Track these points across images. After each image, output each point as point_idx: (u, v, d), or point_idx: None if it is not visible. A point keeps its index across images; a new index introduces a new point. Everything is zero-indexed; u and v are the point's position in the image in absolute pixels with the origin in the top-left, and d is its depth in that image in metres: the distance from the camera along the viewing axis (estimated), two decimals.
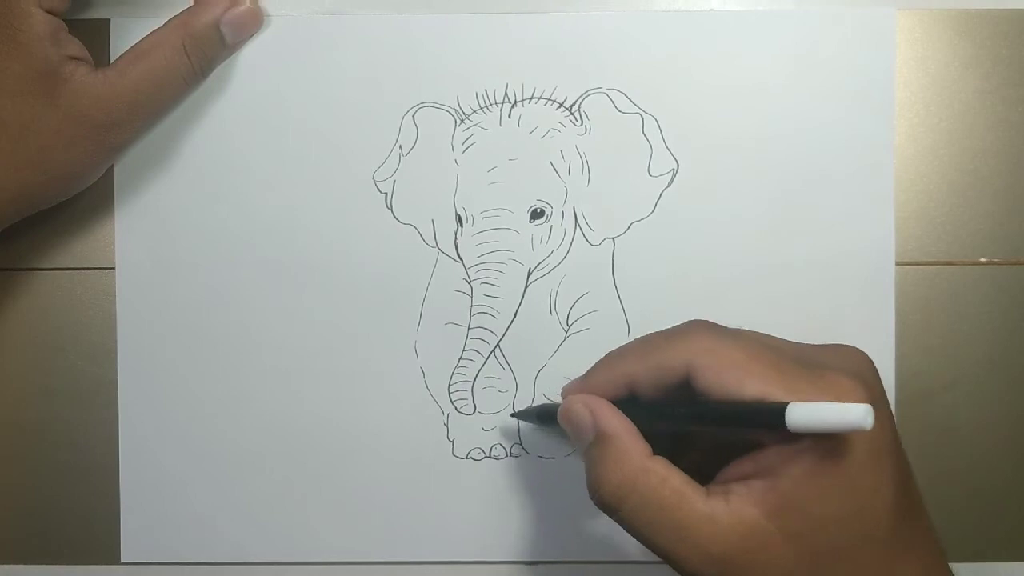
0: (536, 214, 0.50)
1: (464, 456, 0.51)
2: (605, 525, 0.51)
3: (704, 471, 0.41)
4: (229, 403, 0.51)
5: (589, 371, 0.44)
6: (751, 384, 0.39)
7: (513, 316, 0.51)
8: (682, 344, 0.41)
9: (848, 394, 0.38)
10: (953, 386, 0.50)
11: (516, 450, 0.51)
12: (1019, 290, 0.50)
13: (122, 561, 0.51)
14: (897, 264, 0.50)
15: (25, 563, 0.52)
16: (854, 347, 0.43)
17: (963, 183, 0.50)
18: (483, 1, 0.50)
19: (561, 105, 0.50)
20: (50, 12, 0.45)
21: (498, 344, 0.51)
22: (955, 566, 0.45)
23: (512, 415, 0.51)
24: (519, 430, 0.51)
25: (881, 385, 0.41)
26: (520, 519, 0.51)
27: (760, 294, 0.50)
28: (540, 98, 0.50)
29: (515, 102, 0.50)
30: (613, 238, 0.50)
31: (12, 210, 0.48)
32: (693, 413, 0.41)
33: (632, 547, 0.51)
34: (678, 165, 0.50)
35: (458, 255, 0.51)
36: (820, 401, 0.37)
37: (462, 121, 0.50)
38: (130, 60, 0.47)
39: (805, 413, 0.37)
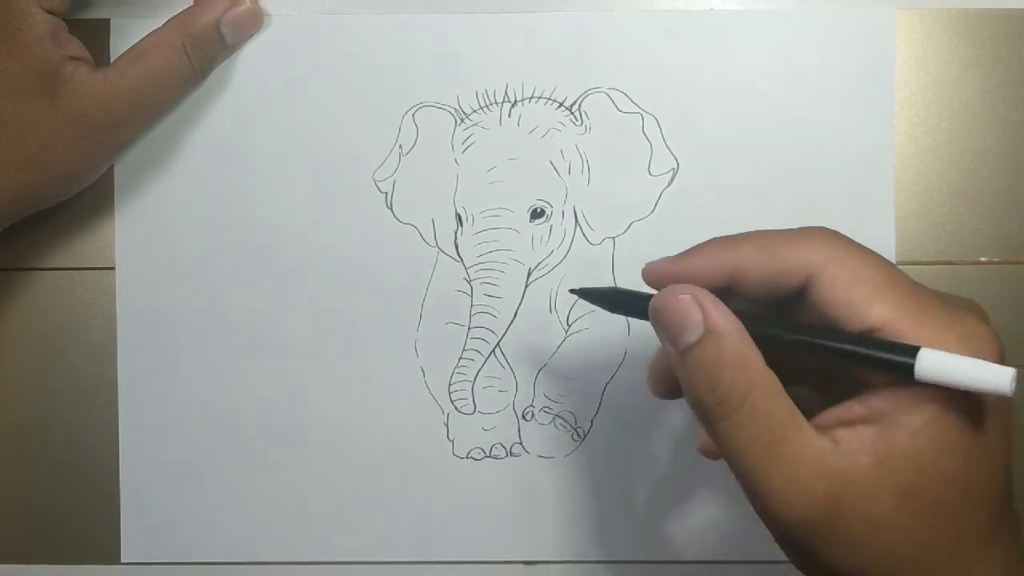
0: (536, 214, 0.50)
1: (464, 456, 0.51)
2: (605, 525, 0.51)
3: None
4: (229, 403, 0.51)
5: (688, 251, 0.38)
6: (880, 307, 0.34)
7: (513, 316, 0.51)
8: (808, 244, 0.36)
9: (985, 346, 0.34)
10: None
11: (516, 450, 0.51)
12: (1019, 290, 0.50)
13: (122, 561, 0.51)
14: (897, 264, 0.50)
15: (25, 563, 0.52)
16: (972, 300, 0.38)
17: (963, 183, 0.50)
18: (483, 1, 0.50)
19: (561, 105, 0.50)
20: (50, 12, 0.45)
21: (498, 344, 0.51)
22: None
23: (571, 291, 0.43)
24: (519, 430, 0.51)
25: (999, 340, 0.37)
26: (520, 519, 0.51)
27: None
28: (540, 98, 0.50)
29: (515, 102, 0.50)
30: (613, 237, 0.50)
31: (12, 210, 0.48)
32: (801, 335, 0.36)
33: (633, 547, 0.51)
34: (678, 165, 0.50)
35: (458, 255, 0.51)
36: (955, 352, 0.33)
37: (462, 121, 0.50)
38: (130, 60, 0.47)
39: (939, 363, 0.33)
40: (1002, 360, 0.35)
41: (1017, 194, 0.50)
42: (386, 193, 0.51)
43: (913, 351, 0.33)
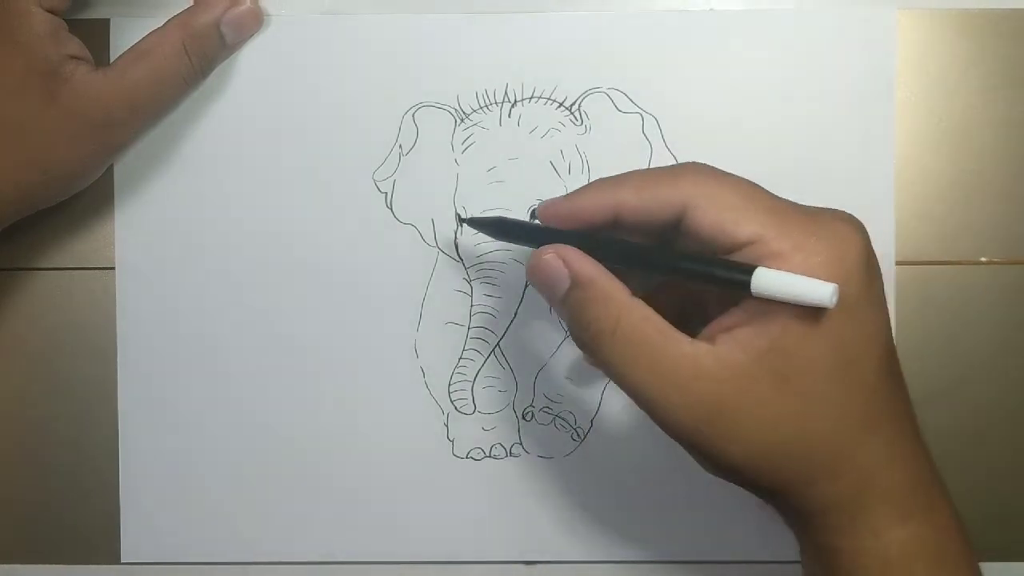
0: (536, 214, 0.50)
1: (464, 456, 0.51)
2: (605, 525, 0.51)
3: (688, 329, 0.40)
4: (229, 403, 0.51)
5: (577, 191, 0.42)
6: (747, 226, 0.38)
7: (513, 316, 0.51)
8: (680, 179, 0.40)
9: (847, 240, 0.38)
10: (953, 386, 0.50)
11: (516, 450, 0.51)
12: (1019, 290, 0.50)
13: (122, 561, 0.51)
14: (897, 264, 0.50)
15: (25, 563, 0.52)
16: (845, 211, 0.41)
17: (963, 183, 0.50)
18: (483, 1, 0.50)
19: (561, 105, 0.50)
20: (50, 11, 0.45)
21: (498, 344, 0.51)
22: None
23: (463, 220, 0.49)
24: (519, 430, 0.51)
25: (871, 246, 0.40)
26: (520, 519, 0.51)
27: None
28: (540, 97, 0.50)
29: (515, 101, 0.50)
30: None
31: (12, 210, 0.48)
32: (670, 259, 0.40)
33: (632, 547, 0.51)
34: None
35: (458, 255, 0.51)
36: (817, 256, 0.37)
37: (462, 121, 0.50)
38: (130, 60, 0.47)
39: (770, 280, 0.36)
40: (871, 257, 0.39)
41: (1017, 194, 0.50)
42: (386, 193, 0.51)
43: (750, 270, 0.37)
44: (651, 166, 0.50)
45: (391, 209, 0.51)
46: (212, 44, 0.48)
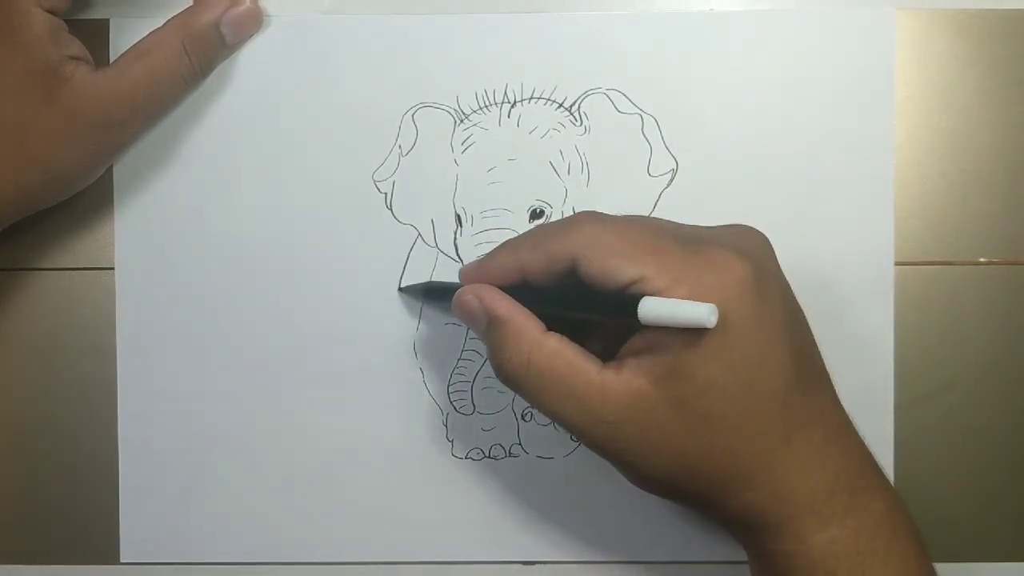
0: (536, 214, 0.50)
1: (463, 456, 0.51)
2: (604, 525, 0.51)
3: (612, 353, 0.43)
4: (228, 403, 0.51)
5: (485, 256, 0.46)
6: (628, 269, 0.40)
7: None
8: (569, 234, 0.43)
9: (727, 267, 0.40)
10: (953, 386, 0.50)
11: (515, 450, 0.51)
12: (1019, 290, 0.50)
13: (121, 561, 0.51)
14: (896, 264, 0.50)
15: (24, 563, 0.52)
16: (750, 226, 0.44)
17: (963, 183, 0.50)
18: (483, 1, 0.50)
19: (561, 105, 0.50)
20: (50, 12, 0.45)
21: None
22: (954, 566, 0.45)
23: (399, 290, 0.51)
24: (518, 430, 0.51)
25: (772, 260, 0.43)
26: (519, 519, 0.51)
27: None
28: (540, 98, 0.50)
29: (515, 102, 0.50)
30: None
31: (12, 210, 0.48)
32: (571, 301, 0.43)
33: (632, 547, 0.51)
34: (678, 165, 0.50)
35: (457, 255, 0.51)
36: (674, 292, 0.40)
37: (462, 121, 0.50)
38: (130, 60, 0.47)
39: (654, 308, 0.39)
40: (764, 274, 0.41)
41: (1017, 194, 0.50)
42: (386, 193, 0.51)
43: (635, 301, 0.39)
44: (650, 167, 0.50)
45: (391, 209, 0.51)
46: (212, 44, 0.49)
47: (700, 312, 0.38)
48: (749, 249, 0.42)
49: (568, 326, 0.43)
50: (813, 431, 0.42)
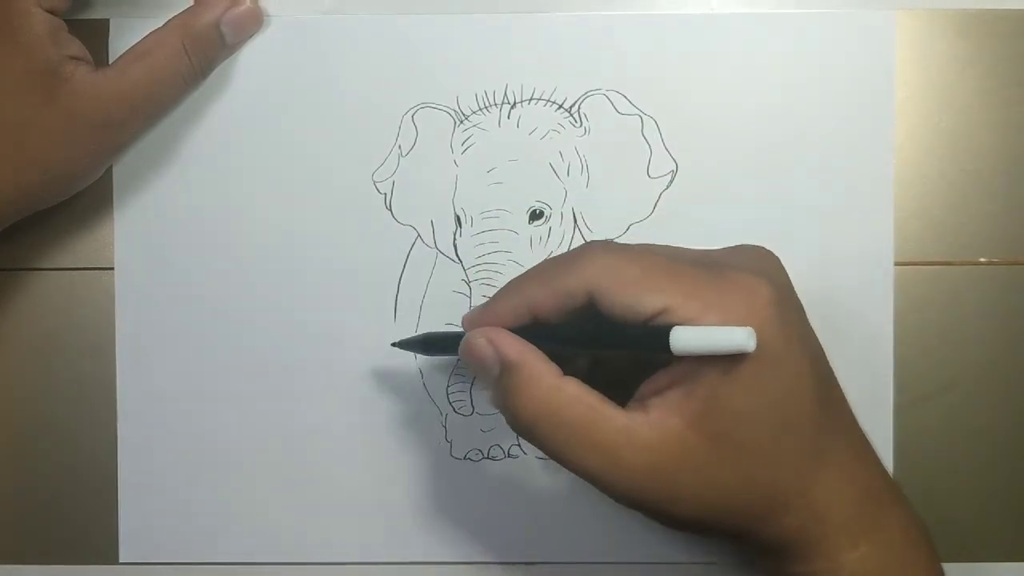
0: (535, 215, 0.50)
1: (462, 457, 0.51)
2: (604, 525, 0.51)
3: (625, 393, 0.41)
4: (228, 403, 0.51)
5: (491, 299, 0.44)
6: (651, 298, 0.39)
7: None
8: (581, 267, 0.41)
9: (754, 291, 0.39)
10: (952, 387, 0.50)
11: (514, 451, 0.51)
12: (1019, 290, 0.50)
13: (120, 561, 0.51)
14: (896, 264, 0.50)
15: (24, 563, 0.52)
16: (758, 245, 0.43)
17: (963, 183, 0.50)
18: (483, 1, 0.50)
19: (560, 106, 0.50)
20: (50, 12, 0.45)
21: None
22: (954, 566, 0.45)
23: (393, 344, 0.49)
24: None
25: (788, 280, 0.42)
26: (518, 520, 0.51)
27: None
28: (539, 99, 0.50)
29: (514, 103, 0.50)
30: (613, 239, 0.50)
31: (12, 210, 0.48)
32: (591, 338, 0.41)
33: (632, 548, 0.51)
34: (677, 167, 0.50)
35: (457, 256, 0.51)
36: (722, 312, 0.38)
37: (461, 122, 0.50)
38: (130, 60, 0.47)
39: (688, 337, 0.37)
40: (784, 294, 0.40)
41: (1017, 194, 0.50)
42: (385, 194, 0.51)
43: (667, 330, 0.37)
44: (650, 168, 0.50)
45: (390, 210, 0.51)
46: (212, 44, 0.49)
47: (738, 337, 0.37)
48: (768, 271, 0.41)
49: (574, 368, 0.41)
50: (842, 449, 0.42)
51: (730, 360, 0.38)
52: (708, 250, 0.43)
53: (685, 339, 0.37)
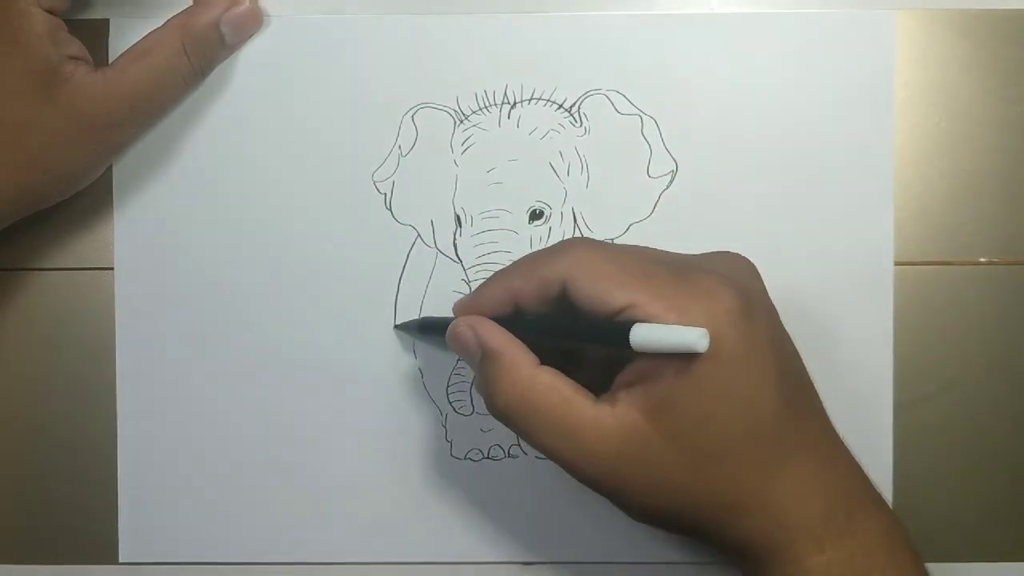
0: (535, 215, 0.50)
1: (462, 457, 0.51)
2: (604, 526, 0.50)
3: (606, 382, 0.42)
4: (228, 403, 0.51)
5: (478, 288, 0.45)
6: (620, 294, 0.40)
7: None
8: (561, 258, 0.42)
9: (715, 295, 0.40)
10: (952, 387, 0.50)
11: (514, 451, 0.51)
12: (1019, 290, 0.50)
13: (120, 561, 0.51)
14: (896, 264, 0.50)
15: (23, 563, 0.52)
16: (737, 253, 0.44)
17: (963, 183, 0.50)
18: (483, 1, 0.50)
19: (561, 106, 0.50)
20: (50, 12, 0.45)
21: None
22: (954, 566, 0.45)
23: (395, 327, 0.51)
24: None
25: (760, 287, 0.43)
26: (518, 519, 0.51)
27: None
28: (540, 99, 0.50)
29: (514, 103, 0.50)
30: (612, 239, 0.50)
31: (12, 210, 0.48)
32: (564, 330, 0.43)
33: (631, 548, 0.51)
34: (677, 166, 0.50)
35: (457, 256, 0.51)
36: (686, 311, 0.39)
37: (461, 122, 0.50)
38: (130, 60, 0.47)
39: (646, 334, 0.38)
40: (753, 299, 0.41)
41: (1017, 194, 0.50)
42: (385, 194, 0.51)
43: (628, 326, 0.39)
44: (650, 168, 0.50)
45: (390, 210, 0.51)
46: (212, 44, 0.49)
47: (691, 336, 0.38)
48: (737, 276, 0.42)
49: (561, 358, 0.43)
50: (806, 456, 0.42)
51: (687, 361, 0.39)
52: (686, 255, 0.44)
53: (643, 336, 0.38)
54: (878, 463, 0.45)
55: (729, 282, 0.41)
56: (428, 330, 0.49)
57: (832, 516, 0.42)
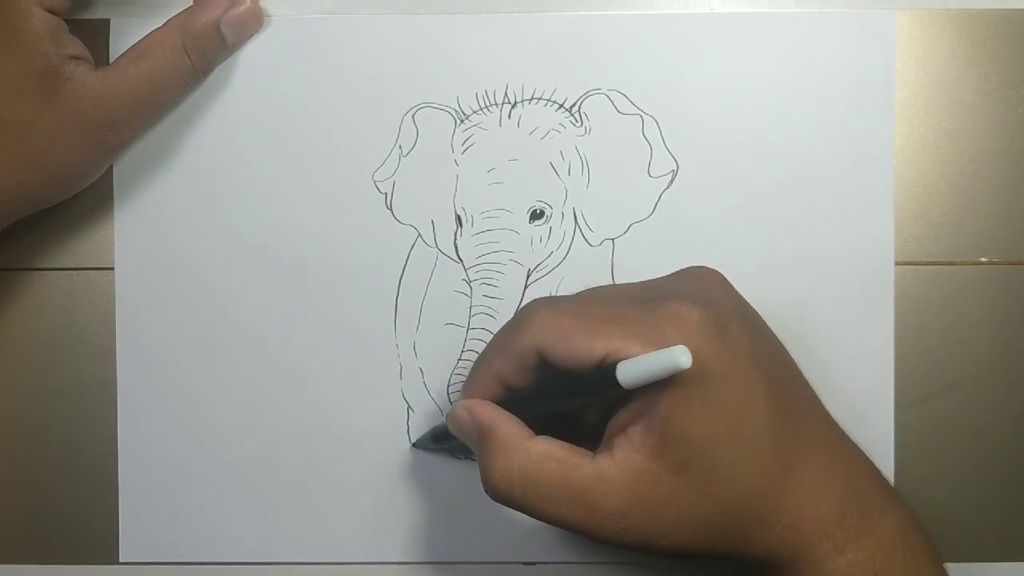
0: (536, 215, 0.50)
1: (463, 457, 0.51)
2: None
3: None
4: (228, 403, 0.51)
5: (465, 382, 0.45)
6: (596, 344, 0.40)
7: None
8: (526, 329, 0.42)
9: (682, 318, 0.40)
10: (953, 387, 0.50)
11: None
12: (1019, 290, 0.50)
13: (120, 561, 0.51)
14: (897, 264, 0.50)
15: (24, 563, 0.52)
16: (703, 266, 0.45)
17: (963, 183, 0.50)
18: (483, 1, 0.50)
19: (561, 106, 0.50)
20: (50, 11, 0.45)
21: None
22: (954, 566, 0.45)
23: (412, 446, 0.51)
24: None
25: (730, 297, 0.44)
26: (519, 519, 0.51)
27: (759, 295, 0.49)
28: (540, 99, 0.50)
29: (515, 103, 0.50)
30: (612, 239, 0.50)
31: (12, 210, 0.48)
32: (553, 394, 0.43)
33: None
34: (678, 166, 0.50)
35: (458, 255, 0.51)
36: (647, 352, 0.39)
37: (462, 122, 0.50)
38: (130, 60, 0.47)
39: (632, 368, 0.39)
40: (725, 312, 0.41)
41: (1017, 194, 0.50)
42: (386, 194, 0.51)
43: (612, 370, 0.39)
44: (651, 168, 0.50)
45: (391, 210, 0.51)
46: (212, 44, 0.49)
47: (674, 355, 0.38)
48: (703, 293, 0.42)
49: (564, 428, 0.43)
50: (811, 456, 0.42)
51: (677, 388, 0.39)
52: (649, 282, 0.45)
53: (629, 371, 0.39)
54: (879, 463, 0.45)
55: (694, 302, 0.41)
56: (441, 438, 0.49)
57: (846, 514, 0.42)
